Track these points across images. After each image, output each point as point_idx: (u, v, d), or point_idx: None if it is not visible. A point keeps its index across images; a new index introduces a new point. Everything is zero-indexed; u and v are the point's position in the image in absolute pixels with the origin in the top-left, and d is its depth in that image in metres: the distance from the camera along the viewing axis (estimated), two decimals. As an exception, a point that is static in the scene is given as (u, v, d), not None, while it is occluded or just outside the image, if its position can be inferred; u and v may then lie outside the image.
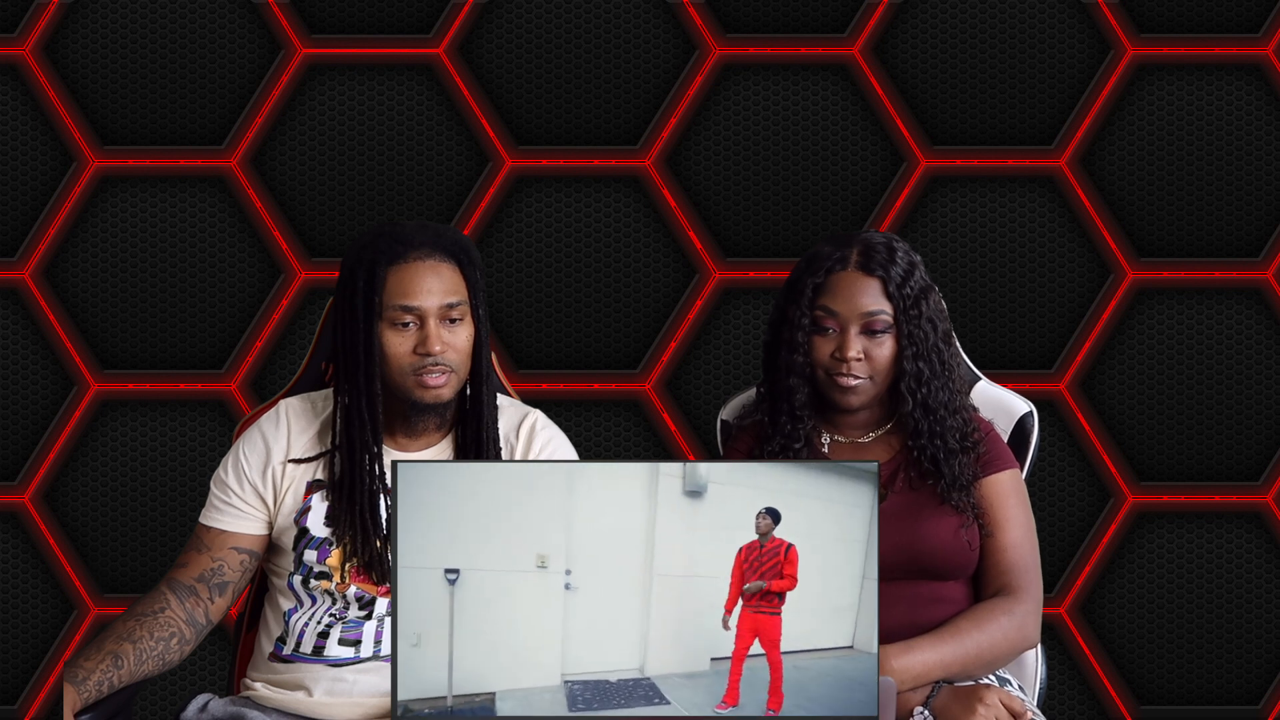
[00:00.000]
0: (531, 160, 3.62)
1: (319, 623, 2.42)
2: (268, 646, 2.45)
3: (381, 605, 2.40)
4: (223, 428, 3.59)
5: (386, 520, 2.40)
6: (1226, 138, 3.60)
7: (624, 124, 3.62)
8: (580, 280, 3.62)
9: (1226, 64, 3.60)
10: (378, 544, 2.39)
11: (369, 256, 2.38)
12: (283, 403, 2.51)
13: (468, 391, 2.44)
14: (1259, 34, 3.60)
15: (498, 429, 2.46)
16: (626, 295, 3.63)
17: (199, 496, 2.46)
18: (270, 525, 2.44)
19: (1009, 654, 2.44)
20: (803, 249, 2.56)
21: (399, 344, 2.37)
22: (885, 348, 2.45)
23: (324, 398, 2.50)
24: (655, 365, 3.63)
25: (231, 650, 2.63)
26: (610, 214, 3.63)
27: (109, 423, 3.60)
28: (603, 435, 3.62)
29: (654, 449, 3.62)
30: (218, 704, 2.41)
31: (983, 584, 2.49)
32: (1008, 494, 2.50)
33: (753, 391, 2.65)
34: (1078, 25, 3.60)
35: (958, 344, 2.60)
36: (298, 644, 2.42)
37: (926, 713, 2.35)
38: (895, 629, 2.40)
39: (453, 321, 2.39)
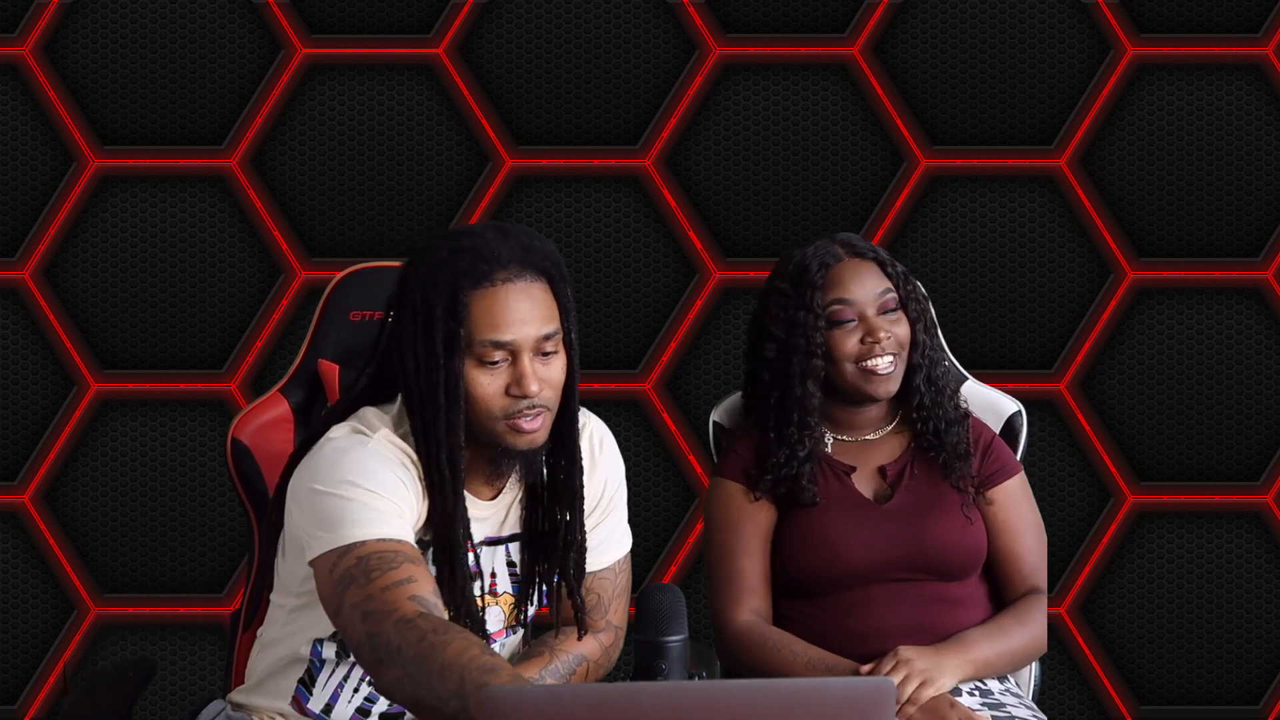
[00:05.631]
0: (531, 160, 3.62)
1: (355, 690, 2.10)
2: (287, 682, 2.12)
3: None
4: (223, 428, 3.58)
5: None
6: (1226, 138, 3.60)
7: (624, 124, 3.62)
8: (580, 280, 3.62)
9: (1226, 64, 3.60)
10: (476, 603, 2.05)
11: (448, 278, 1.97)
12: (398, 455, 2.04)
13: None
14: (1259, 34, 3.60)
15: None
16: (626, 295, 3.63)
17: (199, 496, 2.44)
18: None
19: (1036, 653, 2.49)
20: (804, 249, 2.56)
21: (488, 384, 1.98)
22: (902, 325, 2.48)
23: (405, 439, 2.05)
24: (655, 365, 3.63)
25: (230, 648, 2.61)
26: (610, 214, 3.63)
27: (109, 423, 3.60)
28: (602, 435, 3.61)
29: (654, 449, 3.62)
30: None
31: (1007, 588, 2.51)
32: (1021, 499, 2.54)
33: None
34: (1078, 25, 3.60)
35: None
36: (328, 707, 2.10)
37: None
38: (900, 629, 2.41)
39: (547, 354, 2.00)
